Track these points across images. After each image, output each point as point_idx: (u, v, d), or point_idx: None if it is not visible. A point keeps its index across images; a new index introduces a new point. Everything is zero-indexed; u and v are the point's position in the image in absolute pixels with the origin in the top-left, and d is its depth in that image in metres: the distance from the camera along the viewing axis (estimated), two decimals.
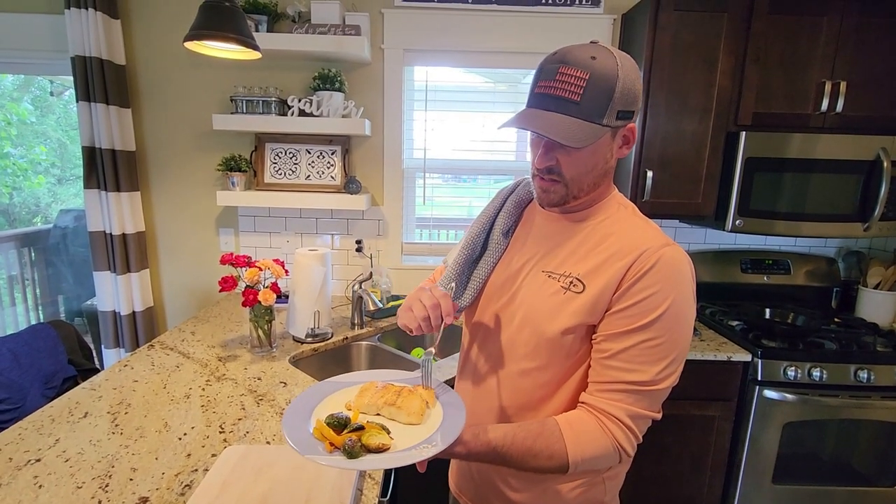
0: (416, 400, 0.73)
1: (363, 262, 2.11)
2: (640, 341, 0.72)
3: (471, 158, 2.17)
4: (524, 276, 0.86)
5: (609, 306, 0.75)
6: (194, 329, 1.64)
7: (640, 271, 0.73)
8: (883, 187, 1.72)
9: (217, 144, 2.01)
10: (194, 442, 0.98)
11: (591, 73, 0.69)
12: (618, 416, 0.73)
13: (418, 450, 0.65)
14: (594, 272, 0.77)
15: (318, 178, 2.03)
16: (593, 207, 0.83)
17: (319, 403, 0.74)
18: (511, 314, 0.86)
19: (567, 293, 0.79)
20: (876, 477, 1.75)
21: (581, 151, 0.74)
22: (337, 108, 1.89)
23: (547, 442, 0.72)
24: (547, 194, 0.80)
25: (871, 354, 1.68)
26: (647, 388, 0.73)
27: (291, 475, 0.84)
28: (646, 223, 0.81)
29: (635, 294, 0.73)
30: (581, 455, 0.72)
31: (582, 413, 0.75)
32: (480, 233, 0.92)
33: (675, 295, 0.73)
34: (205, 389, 1.21)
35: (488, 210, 0.95)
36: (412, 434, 0.69)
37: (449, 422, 0.71)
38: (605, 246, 0.78)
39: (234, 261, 1.41)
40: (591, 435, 0.73)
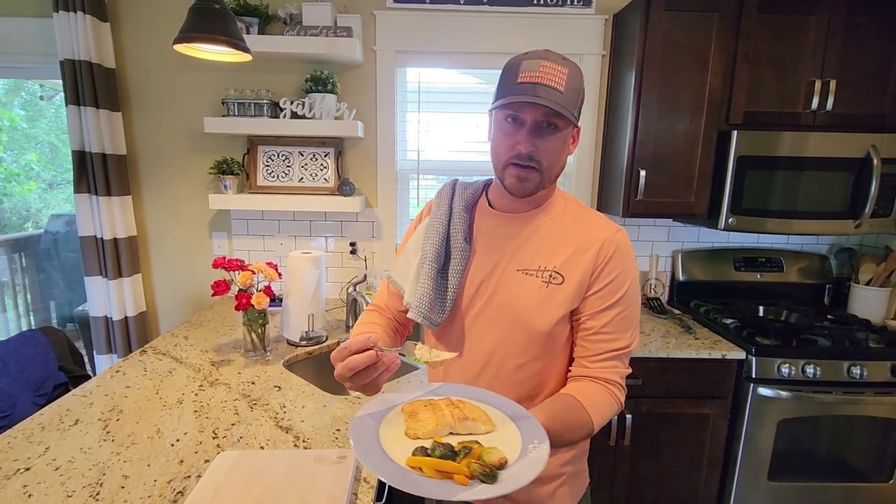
0: (475, 407, 0.74)
1: (357, 264, 2.11)
2: (615, 314, 0.85)
3: (464, 160, 2.17)
4: (498, 278, 0.88)
5: (587, 290, 0.85)
6: (187, 334, 1.63)
7: (607, 257, 0.85)
8: (873, 185, 1.73)
9: (209, 147, 2.00)
10: (187, 448, 0.97)
11: (568, 69, 0.79)
12: (615, 380, 0.86)
13: (536, 451, 0.64)
14: (568, 263, 0.86)
15: (311, 181, 2.02)
16: (545, 204, 0.91)
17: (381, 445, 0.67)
18: (493, 316, 0.89)
19: (549, 286, 0.86)
20: (870, 472, 1.76)
21: (556, 140, 0.81)
22: (329, 110, 1.88)
23: (576, 415, 0.80)
24: (523, 183, 0.83)
25: (864, 351, 1.69)
26: (626, 350, 0.87)
27: (285, 480, 0.83)
28: (595, 214, 0.92)
29: (606, 276, 0.85)
30: (601, 419, 0.83)
31: (588, 384, 0.85)
32: (441, 241, 0.92)
33: (633, 271, 0.88)
34: (198, 395, 1.20)
35: (438, 217, 0.94)
36: (496, 440, 0.68)
37: (519, 416, 0.73)
38: (570, 239, 0.88)
39: (226, 264, 1.40)
40: (603, 400, 0.84)
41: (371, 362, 0.68)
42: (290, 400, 1.18)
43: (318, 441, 1.01)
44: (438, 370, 0.98)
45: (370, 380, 0.70)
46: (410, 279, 0.92)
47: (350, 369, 0.68)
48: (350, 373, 0.69)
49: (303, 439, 1.01)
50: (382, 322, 0.99)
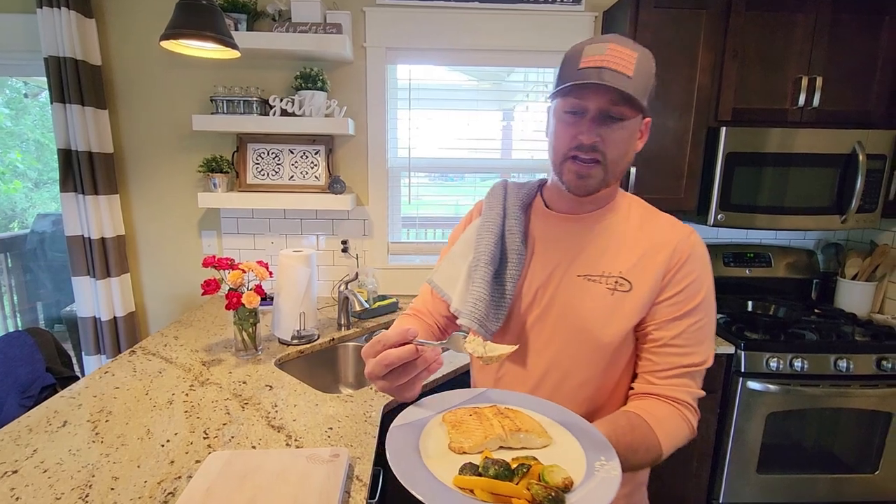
0: (527, 416, 0.66)
1: (349, 262, 2.10)
2: (689, 325, 0.76)
3: (456, 157, 2.16)
4: (557, 284, 0.81)
5: (657, 297, 0.77)
6: (177, 333, 1.62)
7: (680, 260, 0.77)
8: (859, 180, 1.76)
9: (198, 145, 1.98)
10: (178, 448, 0.96)
11: (638, 53, 0.71)
12: (687, 401, 0.76)
13: (605, 469, 0.56)
14: (636, 268, 0.77)
15: (301, 179, 2.01)
16: (608, 204, 0.82)
17: (422, 460, 0.58)
18: (552, 327, 0.81)
19: (615, 294, 0.77)
20: (857, 464, 1.79)
21: (622, 131, 0.73)
22: (319, 108, 1.87)
23: (642, 435, 0.71)
24: (584, 180, 0.74)
25: (850, 344, 1.71)
26: (699, 367, 0.77)
27: (277, 480, 0.83)
28: (664, 215, 0.84)
29: (679, 282, 0.76)
30: (671, 444, 0.73)
31: (657, 402, 0.76)
32: (496, 243, 0.84)
33: (708, 278, 0.79)
34: (188, 395, 1.19)
35: (491, 217, 0.87)
36: (555, 457, 0.59)
37: (579, 426, 0.65)
38: (637, 242, 0.79)
39: (216, 263, 1.39)
40: (673, 423, 0.74)
41: (410, 358, 0.58)
42: (281, 399, 1.18)
43: (311, 440, 1.00)
44: (487, 376, 0.91)
45: (407, 379, 0.60)
46: (460, 283, 0.85)
47: (385, 366, 0.58)
48: (385, 370, 0.58)
49: (295, 438, 1.01)
50: (422, 327, 0.90)
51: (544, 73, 2.11)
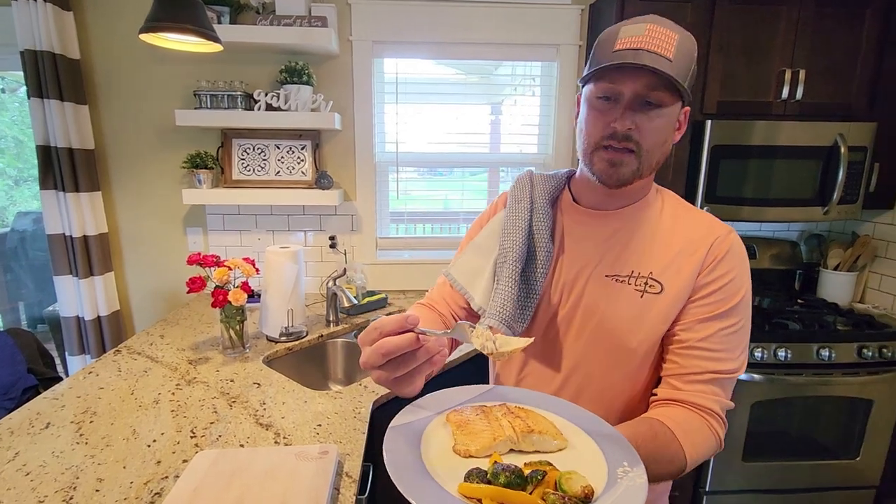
0: (540, 417, 0.61)
1: (337, 258, 2.09)
2: (722, 328, 0.71)
3: (445, 151, 2.15)
4: (584, 285, 0.77)
5: (689, 298, 0.73)
6: (163, 332, 1.60)
7: (717, 257, 0.72)
8: (840, 172, 1.78)
9: (181, 141, 1.94)
10: (164, 448, 0.95)
11: (678, 34, 0.66)
12: (715, 410, 0.70)
13: (629, 477, 0.50)
14: (669, 269, 0.73)
15: (288, 174, 1.99)
16: (640, 202, 0.78)
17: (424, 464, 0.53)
18: (577, 329, 0.78)
19: (645, 296, 0.73)
20: (839, 450, 1.83)
21: (660, 119, 0.67)
22: (305, 102, 1.85)
23: (664, 444, 0.65)
24: (616, 169, 0.69)
25: (832, 333, 1.75)
26: (731, 375, 0.71)
27: (266, 478, 0.83)
28: (700, 211, 0.79)
29: (715, 281, 0.71)
30: (696, 456, 0.67)
31: (682, 410, 0.70)
32: (524, 238, 0.79)
33: (748, 280, 0.73)
34: (175, 394, 1.18)
35: (518, 211, 0.81)
36: (572, 462, 0.54)
37: (597, 428, 0.60)
38: (670, 240, 0.75)
39: (201, 261, 1.37)
40: (699, 433, 0.68)
41: (411, 347, 0.52)
42: (269, 397, 1.17)
43: (299, 437, 1.00)
44: (509, 377, 0.86)
45: (406, 371, 0.54)
46: (484, 280, 0.81)
47: (383, 355, 0.51)
48: (382, 359, 0.52)
49: (283, 436, 1.01)
50: (434, 318, 0.84)
51: (531, 66, 2.10)
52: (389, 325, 0.52)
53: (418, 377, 0.55)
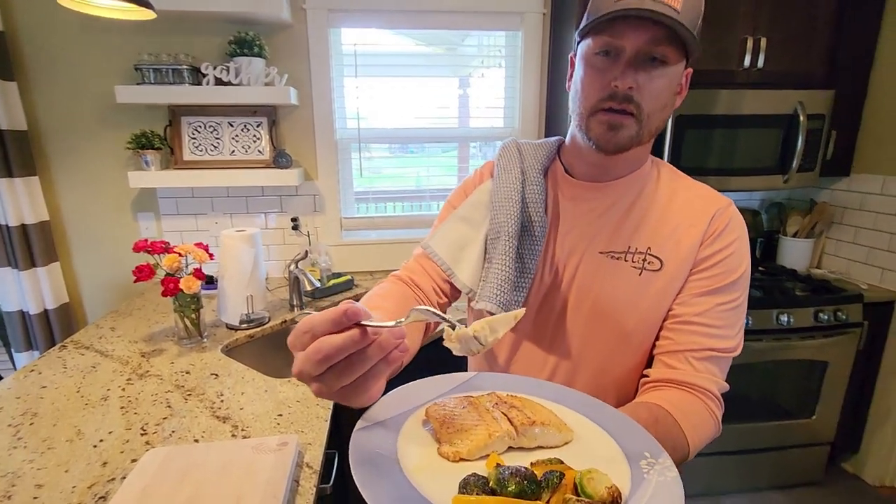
0: (537, 405, 0.52)
1: (301, 240, 2.01)
2: (721, 303, 0.67)
3: (410, 126, 2.08)
4: (577, 263, 0.72)
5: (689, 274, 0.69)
6: (114, 324, 1.51)
7: (718, 230, 0.68)
8: (800, 140, 1.81)
9: (124, 120, 1.81)
10: (112, 448, 0.90)
11: None
12: (713, 392, 0.65)
13: (656, 470, 0.44)
14: (667, 243, 0.69)
15: (243, 153, 1.89)
16: (636, 172, 0.73)
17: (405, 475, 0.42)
18: (572, 310, 0.73)
19: (643, 274, 0.68)
20: (797, 410, 1.91)
21: (663, 78, 0.62)
22: (258, 76, 1.74)
23: (666, 431, 0.59)
24: (615, 133, 0.63)
25: (791, 299, 1.80)
26: (728, 354, 0.67)
27: (221, 474, 0.78)
28: (698, 183, 0.75)
29: (716, 254, 0.68)
30: (698, 442, 0.63)
31: (680, 392, 0.65)
32: (518, 211, 0.72)
33: (748, 254, 0.70)
34: (125, 389, 1.11)
35: (509, 181, 0.75)
36: (585, 457, 0.46)
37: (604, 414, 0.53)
38: (668, 213, 0.71)
39: (149, 247, 1.29)
40: (699, 416, 0.63)
41: (357, 346, 0.40)
42: (227, 387, 1.12)
43: (259, 429, 0.96)
44: (491, 366, 0.80)
45: (356, 377, 0.41)
46: (470, 256, 0.75)
47: (320, 361, 0.39)
48: (320, 367, 0.39)
49: (241, 428, 0.96)
50: (408, 296, 0.74)
51: (496, 36, 2.03)
52: (323, 324, 0.40)
53: (373, 383, 0.44)
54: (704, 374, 0.66)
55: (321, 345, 0.39)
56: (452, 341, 0.47)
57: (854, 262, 2.04)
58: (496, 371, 0.81)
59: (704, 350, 0.66)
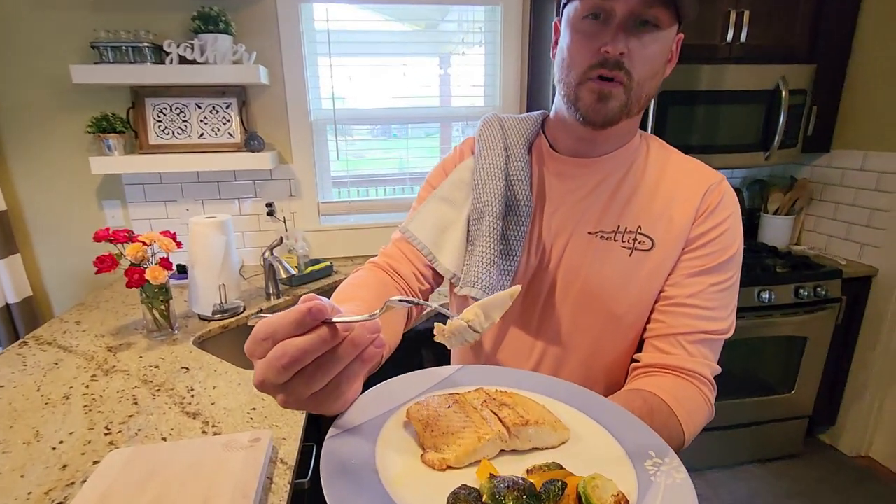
0: (529, 401, 0.48)
1: (277, 226, 1.95)
2: (714, 283, 0.64)
3: (390, 106, 2.01)
4: (565, 244, 0.69)
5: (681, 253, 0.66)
6: (79, 318, 1.44)
7: (710, 207, 0.66)
8: (782, 116, 1.79)
9: (84, 102, 1.71)
10: (72, 450, 0.85)
11: None
12: (706, 376, 0.63)
13: (663, 472, 0.40)
14: (659, 222, 0.66)
15: (213, 136, 1.81)
16: (625, 147, 0.69)
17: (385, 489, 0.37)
18: (559, 294, 0.70)
19: (634, 254, 0.66)
20: (777, 385, 1.93)
21: (655, 43, 0.58)
22: (225, 54, 1.65)
23: (662, 421, 0.56)
24: (604, 102, 0.59)
25: (772, 276, 1.80)
26: (720, 337, 0.64)
27: (187, 474, 0.74)
28: (689, 158, 0.72)
29: (710, 232, 0.65)
30: (693, 429, 0.60)
31: (673, 379, 0.62)
32: (502, 190, 0.68)
33: (741, 232, 0.67)
34: (89, 386, 1.05)
35: (491, 158, 0.71)
36: (583, 460, 0.42)
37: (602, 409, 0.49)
38: (659, 190, 0.67)
39: (111, 236, 1.22)
40: (693, 403, 0.61)
41: (326, 346, 0.35)
42: (199, 381, 1.07)
43: (231, 425, 0.91)
44: (475, 354, 0.76)
45: (328, 381, 0.37)
46: (452, 239, 0.71)
47: (284, 367, 0.34)
48: (285, 373, 0.35)
49: (212, 424, 0.92)
50: (386, 283, 0.70)
51: (475, 11, 1.96)
52: (284, 327, 0.35)
53: (348, 386, 0.39)
54: (698, 359, 0.63)
55: (285, 348, 0.34)
56: (445, 337, 0.42)
57: (833, 238, 2.06)
58: (482, 360, 0.78)
59: (697, 333, 0.63)
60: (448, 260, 0.71)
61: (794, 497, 1.87)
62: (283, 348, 0.35)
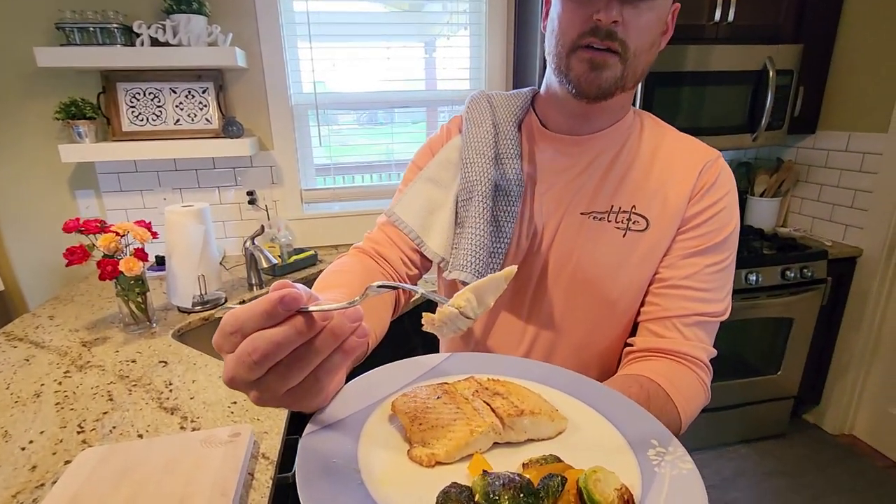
0: (527, 391, 0.45)
1: (259, 215, 1.90)
2: (710, 264, 0.62)
3: (374, 90, 1.95)
4: (556, 225, 0.67)
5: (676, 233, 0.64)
6: (53, 312, 1.39)
7: (707, 185, 0.63)
8: (769, 97, 1.78)
9: (50, 87, 1.63)
10: (43, 450, 0.81)
11: None
12: (702, 359, 0.62)
13: (668, 462, 0.37)
14: (653, 201, 0.63)
15: (189, 122, 1.74)
16: (618, 123, 0.66)
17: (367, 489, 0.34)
18: (551, 278, 0.67)
19: (628, 235, 0.63)
20: (763, 367, 1.95)
21: (651, 13, 0.56)
22: (199, 35, 1.58)
23: (659, 408, 0.54)
24: (598, 73, 0.56)
25: (759, 258, 1.80)
26: (716, 319, 0.63)
27: (163, 473, 0.71)
28: (684, 135, 0.69)
29: (706, 211, 0.63)
30: (690, 414, 0.59)
31: (668, 363, 0.61)
32: (492, 169, 0.65)
33: (737, 210, 0.64)
34: (62, 383, 1.01)
35: (480, 136, 0.68)
36: (579, 449, 0.40)
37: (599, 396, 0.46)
38: (654, 168, 0.65)
39: (82, 227, 1.17)
40: (690, 388, 0.59)
41: (300, 339, 0.32)
42: (177, 375, 1.03)
43: (210, 419, 0.88)
44: (465, 341, 0.74)
45: (304, 377, 0.34)
46: (440, 221, 0.68)
47: (256, 363, 0.31)
48: (258, 369, 0.32)
49: (191, 419, 0.88)
50: (371, 269, 0.67)
51: None
52: (253, 319, 0.32)
53: (328, 380, 0.36)
54: (694, 342, 0.62)
55: (255, 342, 0.31)
56: (435, 326, 0.38)
57: (818, 219, 2.07)
58: (471, 347, 0.76)
59: (693, 315, 0.62)
60: (436, 243, 0.69)
61: (778, 475, 1.90)
62: (254, 342, 0.32)
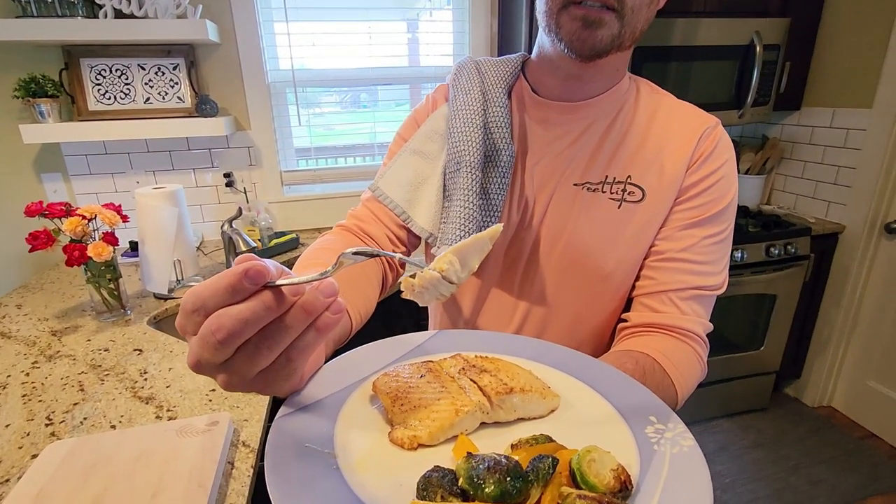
0: (517, 368, 0.42)
1: (237, 197, 1.84)
2: (708, 236, 0.60)
3: (357, 66, 1.88)
4: (549, 197, 0.64)
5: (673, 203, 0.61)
6: (21, 301, 1.33)
7: (705, 154, 0.60)
8: (755, 73, 1.76)
9: (8, 62, 1.53)
10: (8, 444, 0.77)
11: None
12: (699, 334, 0.60)
13: (670, 440, 0.35)
14: (650, 170, 0.60)
15: (160, 101, 1.66)
16: (613, 89, 0.63)
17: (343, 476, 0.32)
18: (543, 252, 0.65)
19: (623, 206, 0.61)
20: (746, 343, 1.97)
21: None
22: (167, 7, 1.50)
23: (656, 383, 0.52)
24: (592, 31, 0.52)
25: (744, 235, 1.81)
26: (713, 293, 0.61)
27: (136, 465, 0.68)
28: (681, 101, 0.66)
29: (704, 181, 0.60)
30: (686, 390, 0.57)
31: (665, 338, 0.59)
32: (481, 138, 0.62)
33: (736, 180, 0.62)
34: (29, 374, 0.97)
35: (468, 103, 0.64)
36: (576, 430, 0.38)
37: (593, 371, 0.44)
38: (650, 135, 0.62)
39: (45, 210, 1.11)
40: (688, 364, 0.57)
41: (269, 315, 0.30)
42: (153, 364, 0.99)
43: (187, 408, 0.85)
44: (453, 317, 0.71)
45: (275, 358, 0.31)
46: (428, 195, 0.65)
47: (221, 342, 0.29)
48: (223, 351, 0.29)
49: (167, 409, 0.85)
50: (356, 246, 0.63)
51: None
52: (216, 295, 0.29)
53: (302, 361, 0.33)
54: (690, 316, 0.60)
55: (220, 320, 0.29)
56: (415, 291, 0.36)
57: (802, 196, 2.08)
58: (461, 326, 0.73)
59: (690, 289, 0.60)
60: (423, 218, 0.66)
61: (758, 448, 1.94)
62: (218, 320, 0.29)
